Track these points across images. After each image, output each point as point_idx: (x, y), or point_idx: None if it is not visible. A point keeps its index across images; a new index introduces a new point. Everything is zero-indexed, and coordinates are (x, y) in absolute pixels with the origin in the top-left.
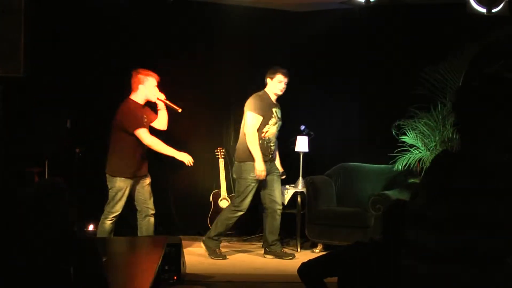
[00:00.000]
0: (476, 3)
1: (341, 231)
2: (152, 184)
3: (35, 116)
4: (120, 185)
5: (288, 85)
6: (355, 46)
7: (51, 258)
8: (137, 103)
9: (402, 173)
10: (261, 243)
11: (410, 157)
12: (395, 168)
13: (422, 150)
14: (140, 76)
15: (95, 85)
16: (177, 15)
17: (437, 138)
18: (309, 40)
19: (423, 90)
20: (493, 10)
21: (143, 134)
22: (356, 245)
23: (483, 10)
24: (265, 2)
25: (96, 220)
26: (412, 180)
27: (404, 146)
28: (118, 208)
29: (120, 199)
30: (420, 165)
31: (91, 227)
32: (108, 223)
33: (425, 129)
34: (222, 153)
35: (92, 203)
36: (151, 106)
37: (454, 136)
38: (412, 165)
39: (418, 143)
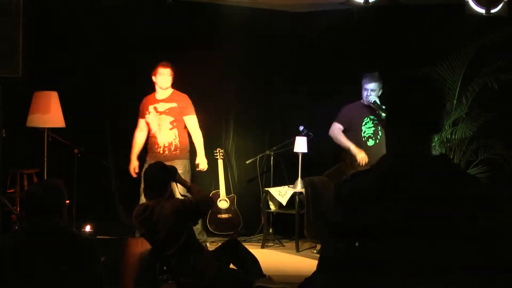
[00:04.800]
0: (474, 4)
1: None
2: None
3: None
4: None
5: (287, 85)
6: (354, 46)
7: (51, 257)
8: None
9: None
10: (260, 244)
11: None
12: None
13: None
14: None
15: (94, 86)
16: (176, 15)
17: (435, 139)
18: (309, 40)
19: None
20: (492, 11)
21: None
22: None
23: (482, 11)
24: (265, 2)
25: (94, 221)
26: None
27: None
28: None
29: None
30: None
31: (88, 228)
32: None
33: None
34: (221, 153)
35: (90, 204)
36: None
37: (454, 137)
38: None
39: None
